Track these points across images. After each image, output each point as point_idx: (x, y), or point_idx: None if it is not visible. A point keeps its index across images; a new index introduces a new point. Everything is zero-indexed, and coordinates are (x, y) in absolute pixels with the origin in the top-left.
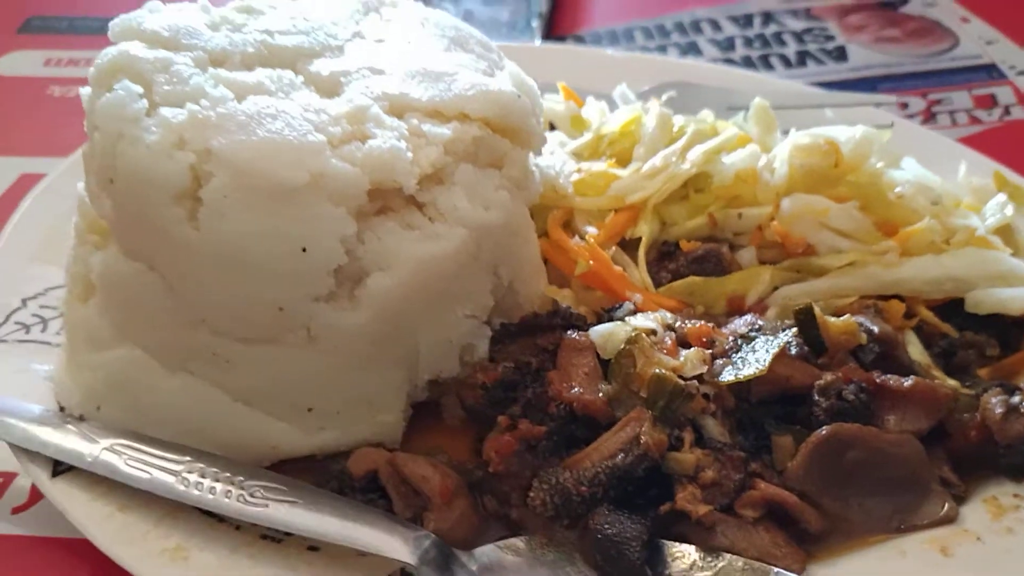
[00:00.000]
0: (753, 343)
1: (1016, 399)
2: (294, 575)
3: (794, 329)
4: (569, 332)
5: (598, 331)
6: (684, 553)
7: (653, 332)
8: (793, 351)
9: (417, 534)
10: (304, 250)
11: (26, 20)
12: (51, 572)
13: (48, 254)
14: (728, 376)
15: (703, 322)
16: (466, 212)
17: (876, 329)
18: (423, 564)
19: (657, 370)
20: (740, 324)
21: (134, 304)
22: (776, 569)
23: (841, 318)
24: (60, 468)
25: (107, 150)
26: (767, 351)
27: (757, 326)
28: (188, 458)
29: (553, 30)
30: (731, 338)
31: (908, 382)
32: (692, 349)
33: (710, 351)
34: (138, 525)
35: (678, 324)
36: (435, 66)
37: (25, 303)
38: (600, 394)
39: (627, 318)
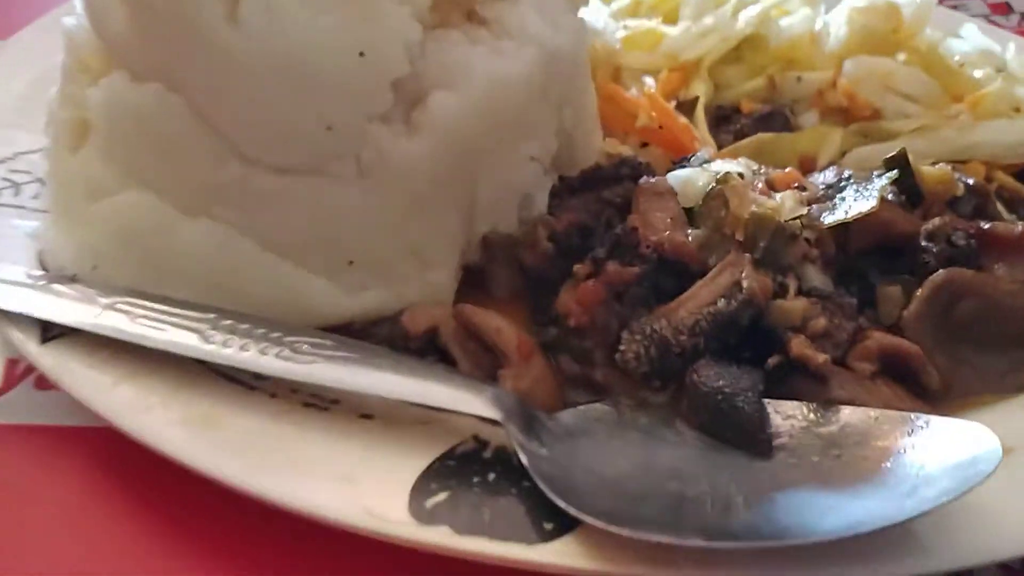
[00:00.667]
0: (844, 192)
1: None
2: (348, 442)
3: (891, 174)
4: (642, 180)
5: (677, 176)
6: (794, 410)
7: (739, 175)
8: (889, 197)
9: (496, 390)
10: (362, 55)
11: None
12: (33, 467)
13: (17, 119)
14: (831, 218)
15: (790, 169)
16: (538, 30)
17: (971, 181)
18: (509, 420)
19: (755, 209)
20: (827, 175)
21: (147, 136)
22: (915, 415)
23: (935, 166)
24: (50, 334)
25: None
26: (867, 196)
27: (846, 175)
28: (212, 314)
29: None
30: (820, 187)
31: (1020, 228)
32: (787, 191)
33: (805, 194)
34: (153, 392)
35: (762, 170)
36: None
37: None
38: (690, 239)
39: (704, 166)
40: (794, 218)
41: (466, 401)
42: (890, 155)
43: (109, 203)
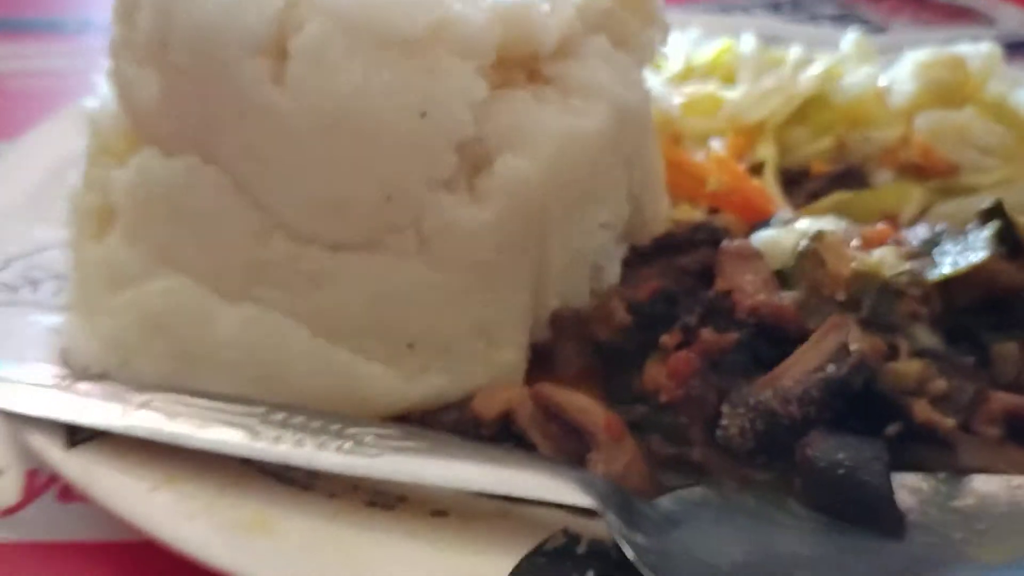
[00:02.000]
0: (942, 246)
1: None
2: (420, 543)
3: (993, 224)
4: (724, 243)
5: (762, 237)
6: (920, 483)
7: (830, 232)
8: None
9: (588, 475)
10: (424, 115)
11: None
12: None
13: (33, 213)
14: (938, 273)
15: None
16: (608, 86)
17: None
18: (607, 508)
19: (856, 267)
20: (919, 230)
21: (179, 214)
22: None
23: None
24: (77, 438)
25: (160, 9)
26: (974, 247)
27: (939, 229)
28: (260, 408)
29: None
30: (915, 243)
31: None
32: (885, 246)
33: (904, 249)
34: (195, 498)
35: (852, 228)
36: None
37: (8, 264)
38: (786, 301)
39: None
40: (898, 274)
41: (556, 489)
42: (986, 207)
43: (137, 291)
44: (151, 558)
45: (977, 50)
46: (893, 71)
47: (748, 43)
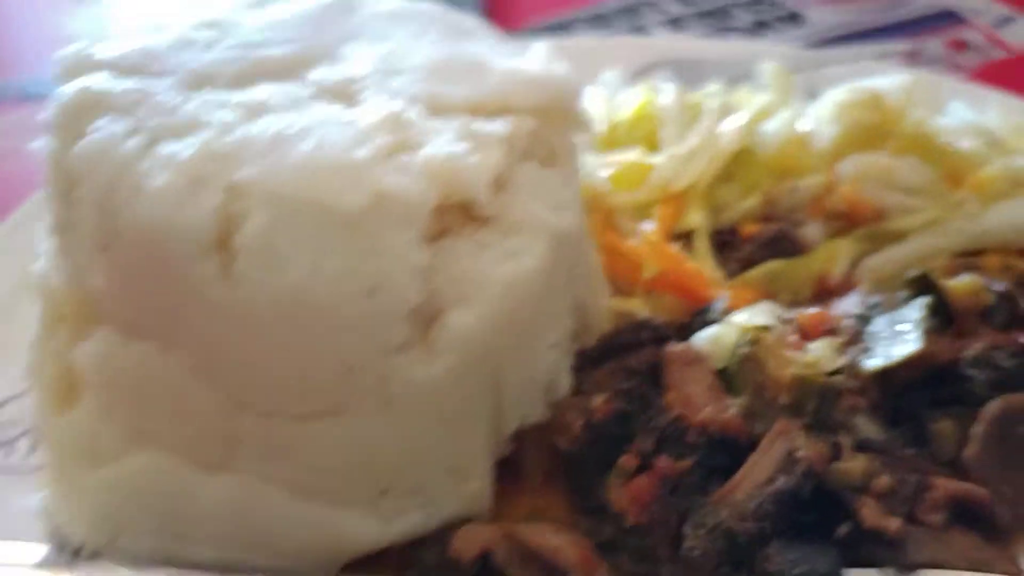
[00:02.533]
0: (872, 323)
1: None
2: None
3: (924, 299)
4: (667, 344)
5: (703, 337)
6: None
7: (766, 328)
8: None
9: None
10: (372, 293)
11: None
12: None
13: None
14: (874, 363)
15: (814, 309)
16: (543, 218)
17: (1001, 287)
18: None
19: (795, 370)
20: (850, 305)
21: (149, 397)
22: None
23: (959, 278)
24: None
25: (101, 206)
26: (904, 328)
27: (870, 304)
28: None
29: None
30: (849, 322)
31: None
32: (822, 340)
33: (839, 340)
34: None
35: (787, 315)
36: (456, 59)
37: None
38: (732, 410)
39: (726, 318)
40: (834, 372)
41: None
42: (912, 276)
43: (116, 468)
44: None
45: (892, 82)
46: (814, 111)
47: (667, 94)
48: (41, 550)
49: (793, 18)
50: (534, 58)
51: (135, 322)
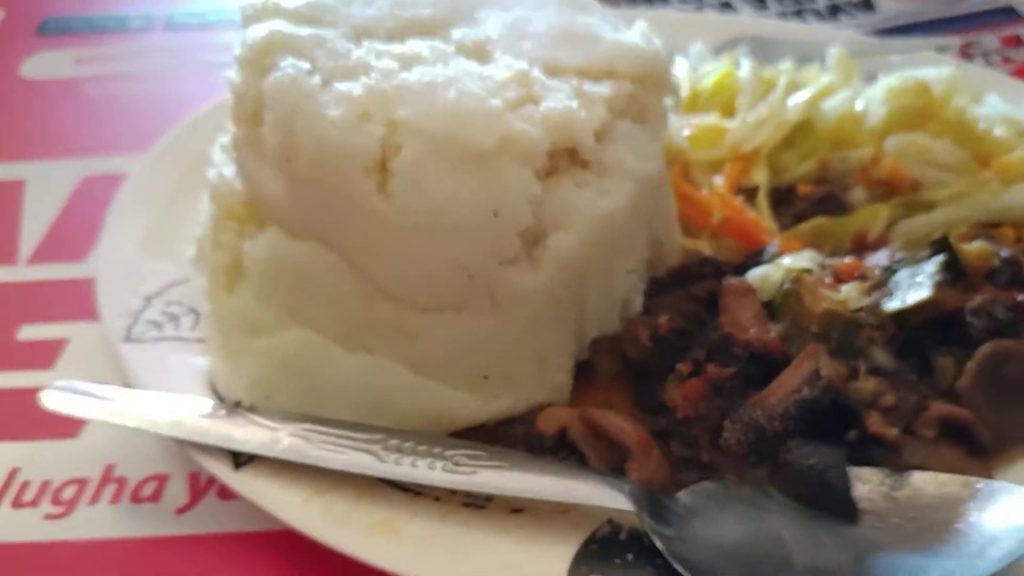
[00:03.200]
0: (897, 274)
1: None
2: (507, 536)
3: (941, 257)
4: (725, 278)
5: (755, 274)
6: (871, 476)
7: (808, 271)
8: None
9: (625, 484)
10: (496, 214)
11: (43, 22)
12: (230, 568)
13: (154, 248)
14: (892, 305)
15: (850, 258)
16: (632, 165)
17: (1007, 252)
18: (643, 511)
19: (827, 305)
20: (880, 258)
21: (308, 286)
22: (975, 479)
23: (973, 243)
24: (240, 460)
25: (284, 128)
26: (921, 279)
27: (898, 258)
28: (379, 435)
29: None
30: (877, 271)
31: None
32: (851, 283)
33: (866, 284)
34: (338, 505)
35: (826, 262)
36: (572, 29)
37: (149, 301)
38: (772, 333)
39: (775, 260)
40: (859, 309)
41: (608, 498)
42: (935, 238)
43: (272, 339)
44: (297, 543)
45: (940, 73)
46: (870, 93)
47: (745, 68)
48: (207, 403)
49: (866, 4)
50: (635, 32)
51: (302, 224)
